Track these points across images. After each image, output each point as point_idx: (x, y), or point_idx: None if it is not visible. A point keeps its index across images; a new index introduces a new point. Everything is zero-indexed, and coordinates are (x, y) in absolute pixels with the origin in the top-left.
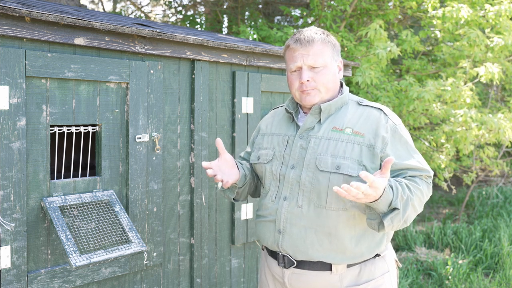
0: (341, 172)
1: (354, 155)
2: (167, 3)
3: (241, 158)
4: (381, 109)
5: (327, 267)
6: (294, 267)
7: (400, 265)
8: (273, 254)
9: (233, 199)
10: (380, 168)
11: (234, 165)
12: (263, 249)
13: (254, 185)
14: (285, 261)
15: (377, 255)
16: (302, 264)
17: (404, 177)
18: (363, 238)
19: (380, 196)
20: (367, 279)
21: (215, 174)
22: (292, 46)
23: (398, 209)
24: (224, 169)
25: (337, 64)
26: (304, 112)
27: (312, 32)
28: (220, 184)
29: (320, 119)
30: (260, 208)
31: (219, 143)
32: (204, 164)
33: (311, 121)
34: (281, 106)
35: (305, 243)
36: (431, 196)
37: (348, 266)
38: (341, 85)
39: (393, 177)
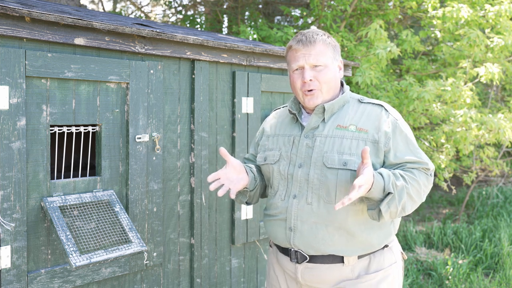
0: (349, 168)
1: (359, 151)
2: (167, 3)
3: (246, 159)
4: (382, 105)
5: (339, 259)
6: (307, 262)
7: (406, 257)
8: (285, 250)
9: (246, 202)
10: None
11: (242, 170)
12: (271, 246)
13: (264, 186)
14: (298, 257)
15: (386, 246)
16: (314, 258)
17: (403, 169)
18: (372, 230)
19: (372, 183)
20: (376, 269)
21: (222, 184)
22: (294, 47)
23: (392, 193)
24: (232, 176)
25: (337, 64)
26: (307, 112)
27: (313, 33)
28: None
29: (324, 118)
30: (269, 207)
31: (223, 152)
32: (210, 177)
33: (316, 120)
34: (283, 107)
35: (317, 238)
36: (431, 196)
37: (359, 257)
38: (342, 85)
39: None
